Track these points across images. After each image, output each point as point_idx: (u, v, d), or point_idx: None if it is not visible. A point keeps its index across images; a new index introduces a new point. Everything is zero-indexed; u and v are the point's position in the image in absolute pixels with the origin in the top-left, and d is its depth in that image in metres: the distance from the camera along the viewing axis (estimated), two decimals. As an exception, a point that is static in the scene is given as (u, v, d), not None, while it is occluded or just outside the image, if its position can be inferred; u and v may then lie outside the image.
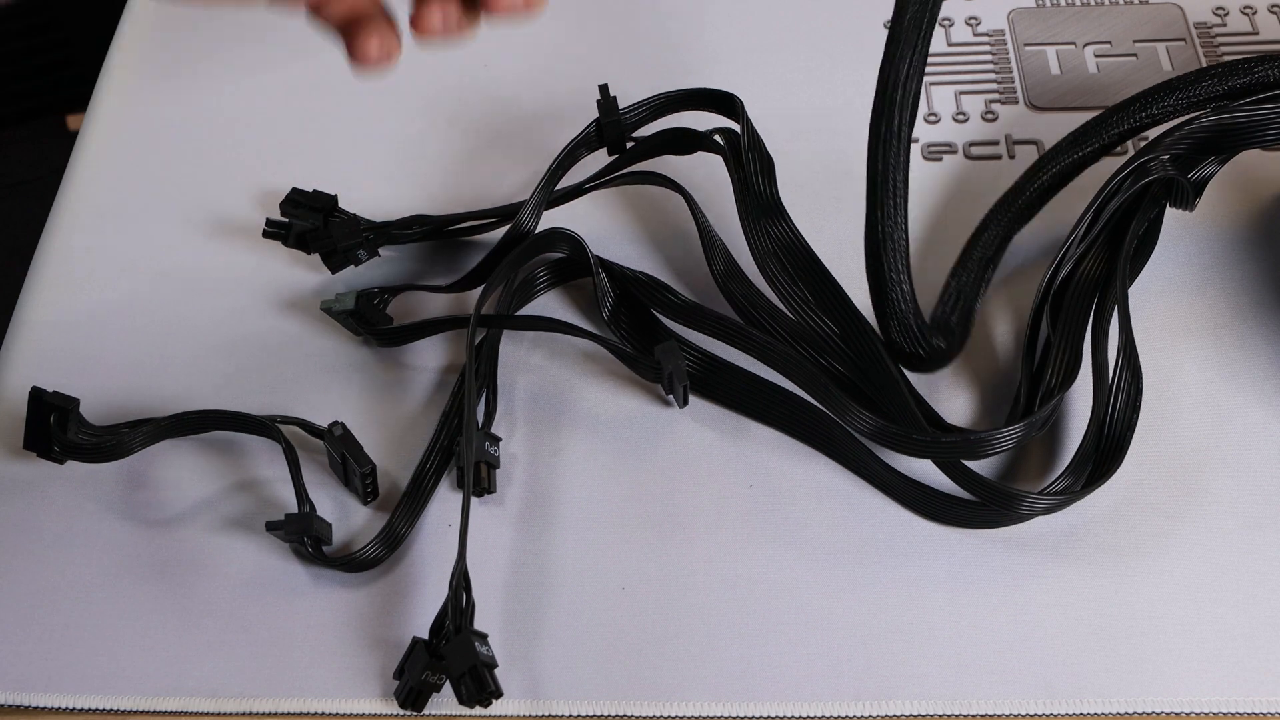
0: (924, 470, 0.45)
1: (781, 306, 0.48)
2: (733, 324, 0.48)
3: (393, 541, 0.44)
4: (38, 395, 0.44)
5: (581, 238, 0.49)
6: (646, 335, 0.49)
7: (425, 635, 0.41)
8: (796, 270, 0.47)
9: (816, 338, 0.47)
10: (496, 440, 0.46)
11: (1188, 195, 0.48)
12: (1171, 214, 0.51)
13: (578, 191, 0.52)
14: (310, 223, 0.51)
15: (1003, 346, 0.49)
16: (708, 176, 0.53)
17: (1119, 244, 0.48)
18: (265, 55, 0.61)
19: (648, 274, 0.49)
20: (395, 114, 0.58)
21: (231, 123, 0.59)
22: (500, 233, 0.50)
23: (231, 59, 0.61)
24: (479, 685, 0.39)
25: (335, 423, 0.45)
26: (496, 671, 0.40)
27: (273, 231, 0.51)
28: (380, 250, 0.51)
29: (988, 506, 0.44)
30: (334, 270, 0.51)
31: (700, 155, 0.52)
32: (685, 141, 0.51)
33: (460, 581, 0.41)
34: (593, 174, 0.52)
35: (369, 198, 0.53)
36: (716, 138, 0.50)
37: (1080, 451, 0.44)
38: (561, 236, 0.49)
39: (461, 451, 0.45)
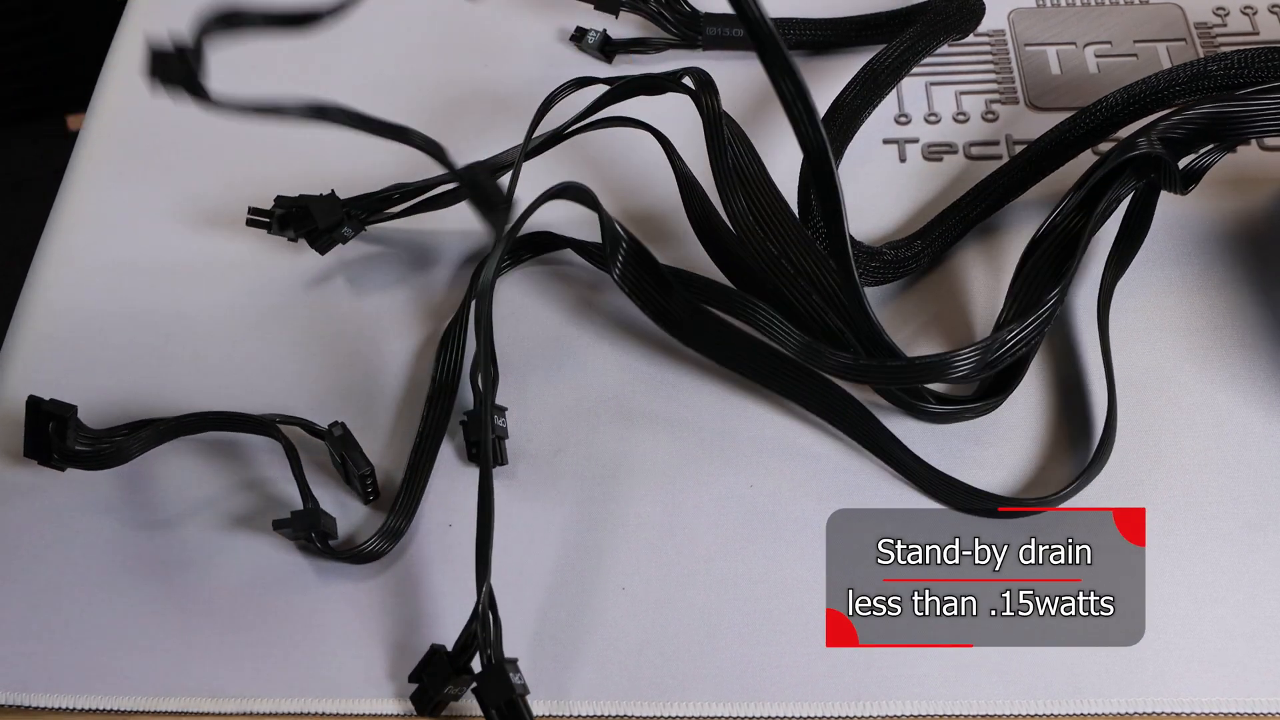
0: (932, 457, 0.45)
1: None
2: (701, 282, 0.48)
3: (394, 535, 0.44)
4: (35, 404, 0.44)
5: (590, 191, 0.47)
6: (660, 292, 0.48)
7: (439, 642, 0.41)
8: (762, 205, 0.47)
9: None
10: (502, 410, 0.46)
11: (1174, 176, 0.48)
12: (1175, 213, 0.51)
13: (556, 138, 0.51)
14: (291, 207, 0.51)
15: (974, 314, 0.50)
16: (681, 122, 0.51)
17: (1096, 203, 0.48)
18: (266, 56, 0.61)
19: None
20: (394, 114, 0.58)
21: (232, 123, 0.59)
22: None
23: (232, 59, 0.61)
24: (515, 718, 0.39)
25: (335, 423, 0.45)
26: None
27: (255, 219, 0.51)
28: (367, 227, 0.52)
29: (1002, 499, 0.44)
30: (322, 252, 0.51)
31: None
32: (655, 84, 0.50)
33: (487, 603, 0.40)
34: (568, 120, 0.51)
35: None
36: (686, 80, 0.49)
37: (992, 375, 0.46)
38: (573, 188, 0.47)
39: (482, 447, 0.43)
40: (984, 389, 0.47)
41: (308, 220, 0.50)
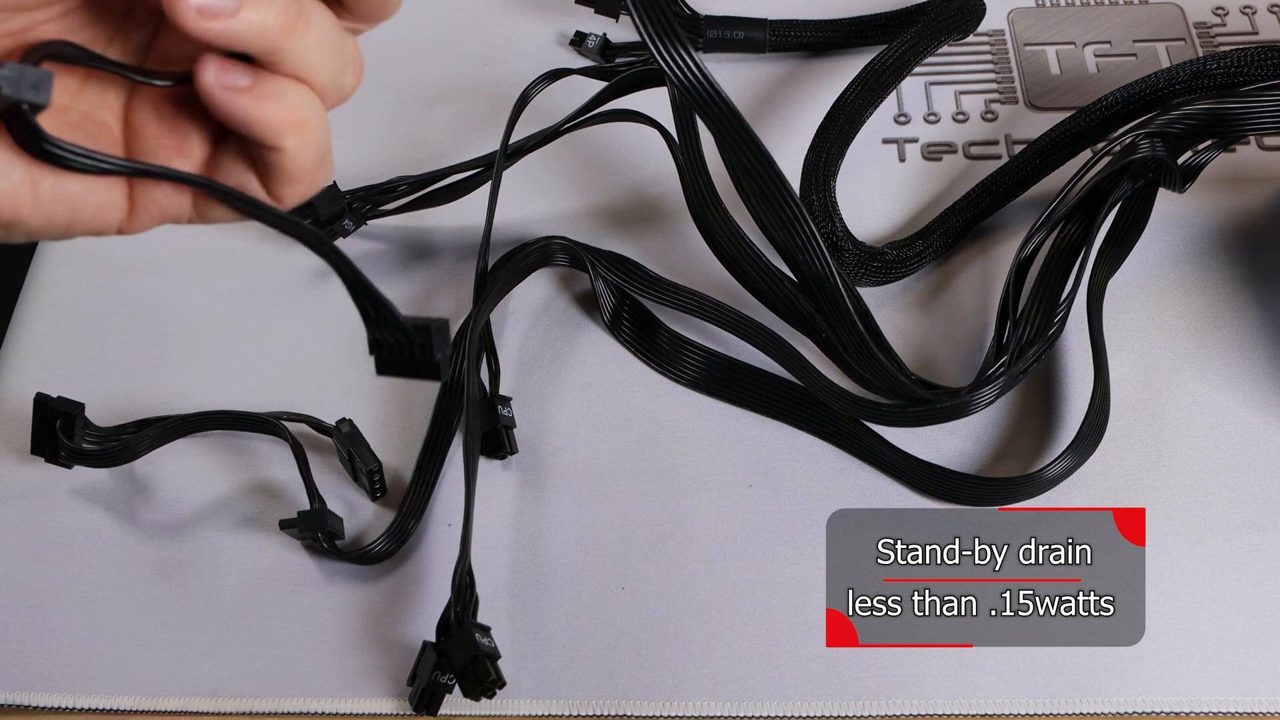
0: (934, 455, 0.45)
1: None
2: (701, 299, 0.48)
3: (401, 535, 0.44)
4: (42, 401, 0.44)
5: (577, 248, 0.49)
6: (648, 334, 0.49)
7: (433, 638, 0.41)
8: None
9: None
10: (507, 401, 0.47)
11: (1175, 176, 0.48)
12: (1174, 213, 0.51)
13: (554, 134, 0.51)
14: None
15: (975, 314, 0.50)
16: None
17: (1098, 212, 0.48)
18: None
19: (616, 253, 0.50)
20: (399, 114, 0.58)
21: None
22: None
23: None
24: (480, 675, 0.39)
25: (343, 420, 0.45)
26: (501, 665, 0.40)
27: None
28: (368, 221, 0.52)
29: (999, 483, 0.44)
30: None
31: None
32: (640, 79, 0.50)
33: (464, 578, 0.41)
34: (569, 114, 0.51)
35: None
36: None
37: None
38: (560, 247, 0.50)
39: (466, 440, 0.44)
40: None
41: (308, 211, 0.50)
